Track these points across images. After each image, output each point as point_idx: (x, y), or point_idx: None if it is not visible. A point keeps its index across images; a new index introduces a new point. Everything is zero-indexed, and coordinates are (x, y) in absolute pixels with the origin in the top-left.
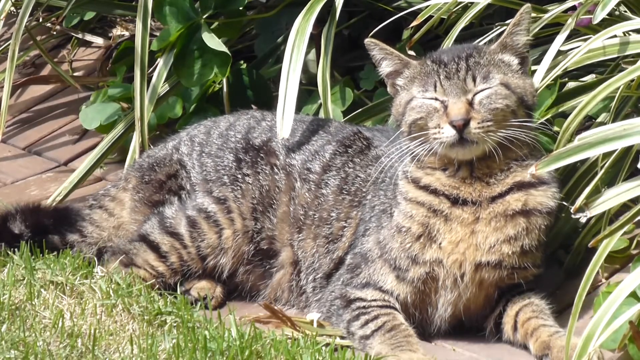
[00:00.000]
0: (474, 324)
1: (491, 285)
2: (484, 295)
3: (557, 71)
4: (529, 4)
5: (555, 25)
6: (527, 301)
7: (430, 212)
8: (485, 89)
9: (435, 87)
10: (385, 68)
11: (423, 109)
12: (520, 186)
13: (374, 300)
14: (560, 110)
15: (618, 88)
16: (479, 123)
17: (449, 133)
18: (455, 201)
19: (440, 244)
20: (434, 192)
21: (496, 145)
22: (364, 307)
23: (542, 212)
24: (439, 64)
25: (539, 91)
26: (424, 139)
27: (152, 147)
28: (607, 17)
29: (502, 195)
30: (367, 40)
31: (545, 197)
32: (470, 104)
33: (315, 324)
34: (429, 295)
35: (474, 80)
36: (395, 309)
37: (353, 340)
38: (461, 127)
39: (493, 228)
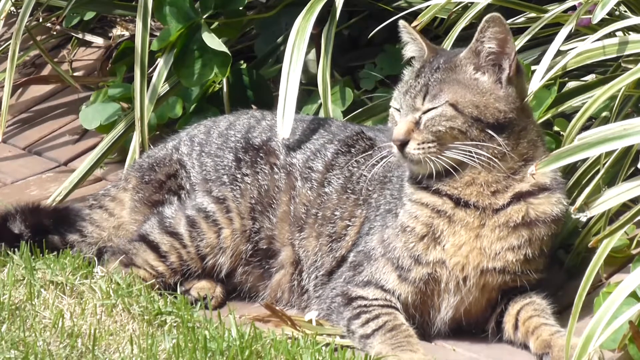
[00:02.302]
0: (473, 326)
1: (494, 289)
2: (486, 299)
3: (553, 71)
4: (495, 14)
5: (555, 25)
6: (529, 300)
7: (434, 212)
8: (432, 109)
9: (399, 98)
10: (407, 52)
11: (392, 118)
12: (520, 196)
13: (376, 299)
14: (560, 110)
15: (620, 89)
16: (418, 144)
17: (394, 149)
18: (457, 202)
19: (444, 246)
20: (437, 192)
21: (447, 165)
22: (365, 306)
23: (546, 221)
24: (416, 75)
25: (528, 97)
26: None
27: (152, 147)
28: (606, 17)
29: (503, 207)
30: (401, 22)
31: (548, 205)
32: (418, 122)
33: (313, 323)
34: (431, 298)
35: (424, 98)
36: (397, 308)
37: (353, 338)
38: (399, 147)
39: (497, 237)
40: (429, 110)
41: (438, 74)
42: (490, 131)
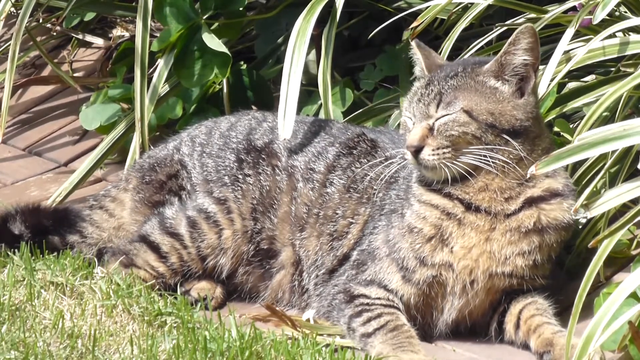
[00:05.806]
0: (473, 326)
1: (498, 291)
2: (489, 301)
3: (563, 73)
4: (529, 24)
5: (555, 26)
6: (531, 300)
7: (443, 214)
8: (445, 115)
9: (412, 106)
10: (418, 72)
11: (404, 126)
12: (532, 202)
13: (378, 298)
14: (563, 111)
15: (622, 94)
16: (433, 150)
17: (408, 156)
18: (468, 206)
19: (452, 248)
20: (448, 195)
21: (462, 170)
22: (367, 304)
23: (557, 228)
24: (426, 84)
25: (539, 100)
26: None
27: (152, 147)
28: (607, 17)
29: (515, 212)
30: (414, 42)
31: (559, 211)
32: (432, 129)
33: (311, 322)
34: (435, 300)
35: (438, 105)
36: (399, 309)
37: (353, 337)
38: (413, 153)
39: (508, 241)
40: (442, 117)
41: (453, 82)
42: (505, 136)
